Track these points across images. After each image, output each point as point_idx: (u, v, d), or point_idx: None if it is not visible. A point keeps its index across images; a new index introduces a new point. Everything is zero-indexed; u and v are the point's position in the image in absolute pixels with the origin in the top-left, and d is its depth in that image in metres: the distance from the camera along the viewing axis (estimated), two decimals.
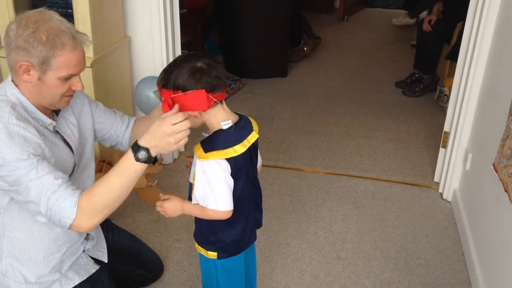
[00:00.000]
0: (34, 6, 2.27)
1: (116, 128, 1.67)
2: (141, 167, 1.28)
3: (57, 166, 1.35)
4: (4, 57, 2.15)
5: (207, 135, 1.34)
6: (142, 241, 1.96)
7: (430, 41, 3.62)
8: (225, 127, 1.32)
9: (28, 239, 1.42)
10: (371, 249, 2.23)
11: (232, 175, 1.32)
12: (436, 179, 2.69)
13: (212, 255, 1.44)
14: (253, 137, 1.37)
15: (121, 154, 2.38)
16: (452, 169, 2.51)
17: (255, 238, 1.53)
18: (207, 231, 1.43)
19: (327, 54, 4.55)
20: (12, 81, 1.36)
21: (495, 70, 2.16)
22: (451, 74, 3.21)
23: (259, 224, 1.55)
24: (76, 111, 1.55)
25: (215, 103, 1.29)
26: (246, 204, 1.43)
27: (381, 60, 4.44)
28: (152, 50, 2.54)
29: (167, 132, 1.24)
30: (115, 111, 1.69)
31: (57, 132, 1.45)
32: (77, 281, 1.53)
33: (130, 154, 1.28)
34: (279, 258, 2.16)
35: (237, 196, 1.36)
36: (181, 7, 2.66)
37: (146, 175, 2.15)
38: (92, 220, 1.29)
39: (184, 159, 2.82)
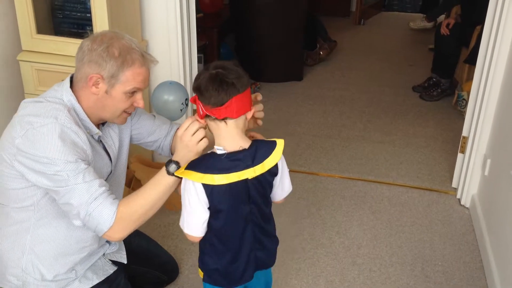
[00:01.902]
0: (53, 9, 2.30)
1: (153, 135, 1.68)
2: (173, 180, 1.35)
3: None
4: (24, 61, 2.26)
5: (211, 151, 1.30)
6: (158, 243, 1.98)
7: (448, 44, 3.58)
8: (218, 152, 1.27)
9: (51, 238, 1.46)
10: (387, 255, 2.20)
11: (209, 203, 1.27)
12: (454, 184, 2.66)
13: (200, 273, 1.40)
14: (249, 173, 1.26)
15: (138, 157, 2.43)
16: (471, 174, 2.47)
17: (250, 278, 1.38)
18: (200, 247, 1.39)
19: (343, 58, 4.53)
20: (71, 88, 1.42)
21: None
22: (470, 78, 3.17)
23: (263, 264, 1.41)
24: None
25: (209, 117, 1.25)
26: (235, 239, 1.33)
27: (398, 64, 4.40)
28: (169, 54, 2.56)
29: (185, 140, 1.31)
30: (154, 116, 1.71)
31: (100, 141, 1.50)
32: (96, 281, 1.56)
33: (163, 169, 1.35)
34: (293, 263, 2.15)
35: (219, 228, 1.31)
36: (197, 11, 2.68)
37: None
38: (124, 231, 1.36)
39: None
